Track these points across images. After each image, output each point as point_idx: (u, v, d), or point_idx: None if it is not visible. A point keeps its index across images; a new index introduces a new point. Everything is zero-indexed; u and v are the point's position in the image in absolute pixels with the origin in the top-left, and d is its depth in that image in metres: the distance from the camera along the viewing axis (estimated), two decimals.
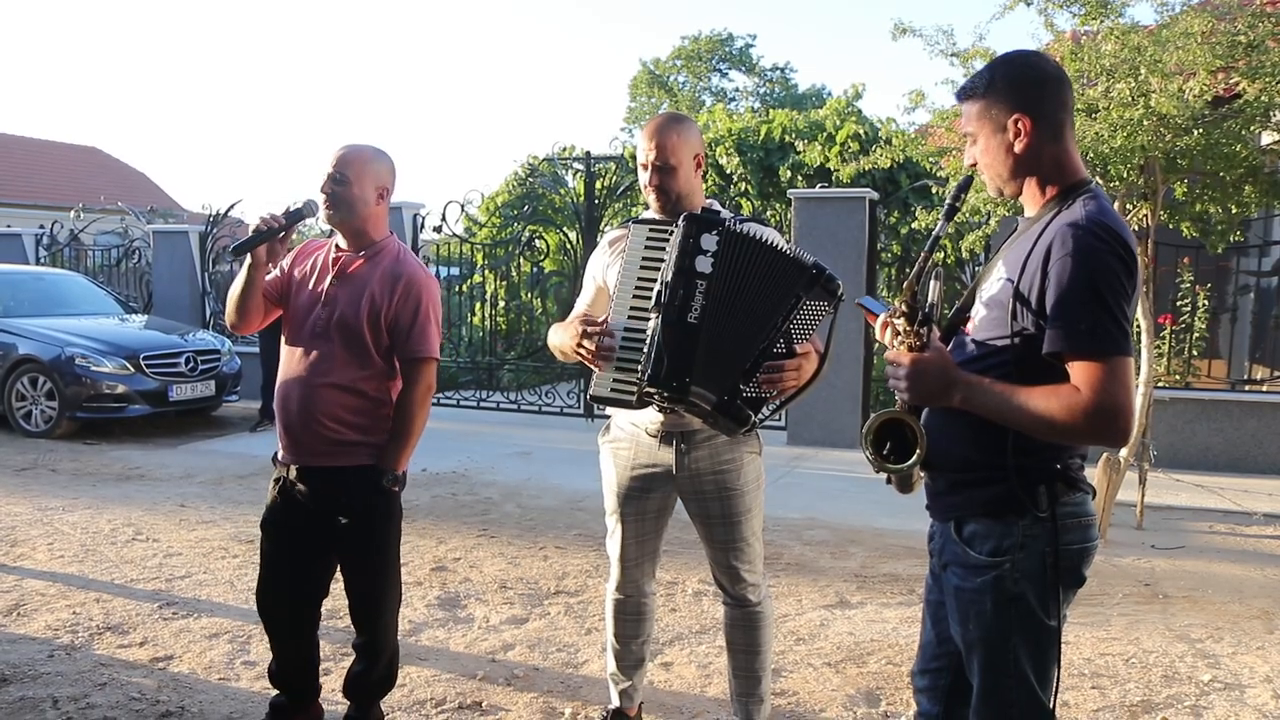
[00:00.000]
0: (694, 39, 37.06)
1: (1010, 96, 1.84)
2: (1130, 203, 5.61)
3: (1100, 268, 1.69)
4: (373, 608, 2.89)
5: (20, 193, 24.05)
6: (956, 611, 1.92)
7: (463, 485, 6.76)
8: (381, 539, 2.83)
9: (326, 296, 2.75)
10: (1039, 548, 1.80)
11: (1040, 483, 1.80)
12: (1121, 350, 1.69)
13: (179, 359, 8.79)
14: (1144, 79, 5.07)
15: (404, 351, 2.76)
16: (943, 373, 1.80)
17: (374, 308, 2.71)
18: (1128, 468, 5.65)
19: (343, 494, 2.74)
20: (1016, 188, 1.91)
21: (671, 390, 2.41)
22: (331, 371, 2.71)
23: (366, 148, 2.78)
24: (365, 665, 2.92)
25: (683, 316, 2.41)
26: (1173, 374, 8.00)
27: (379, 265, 2.78)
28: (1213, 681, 3.59)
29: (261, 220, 2.67)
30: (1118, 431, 1.69)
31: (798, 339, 2.45)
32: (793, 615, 4.24)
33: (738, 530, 2.72)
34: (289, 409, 2.75)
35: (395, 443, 2.76)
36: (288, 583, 2.87)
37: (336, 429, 2.72)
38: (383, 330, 2.73)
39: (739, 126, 12.84)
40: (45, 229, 13.42)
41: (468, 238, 10.92)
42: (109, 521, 5.63)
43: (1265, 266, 8.57)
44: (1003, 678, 1.86)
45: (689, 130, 2.65)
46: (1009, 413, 1.74)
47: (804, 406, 8.18)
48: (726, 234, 2.43)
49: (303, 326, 2.77)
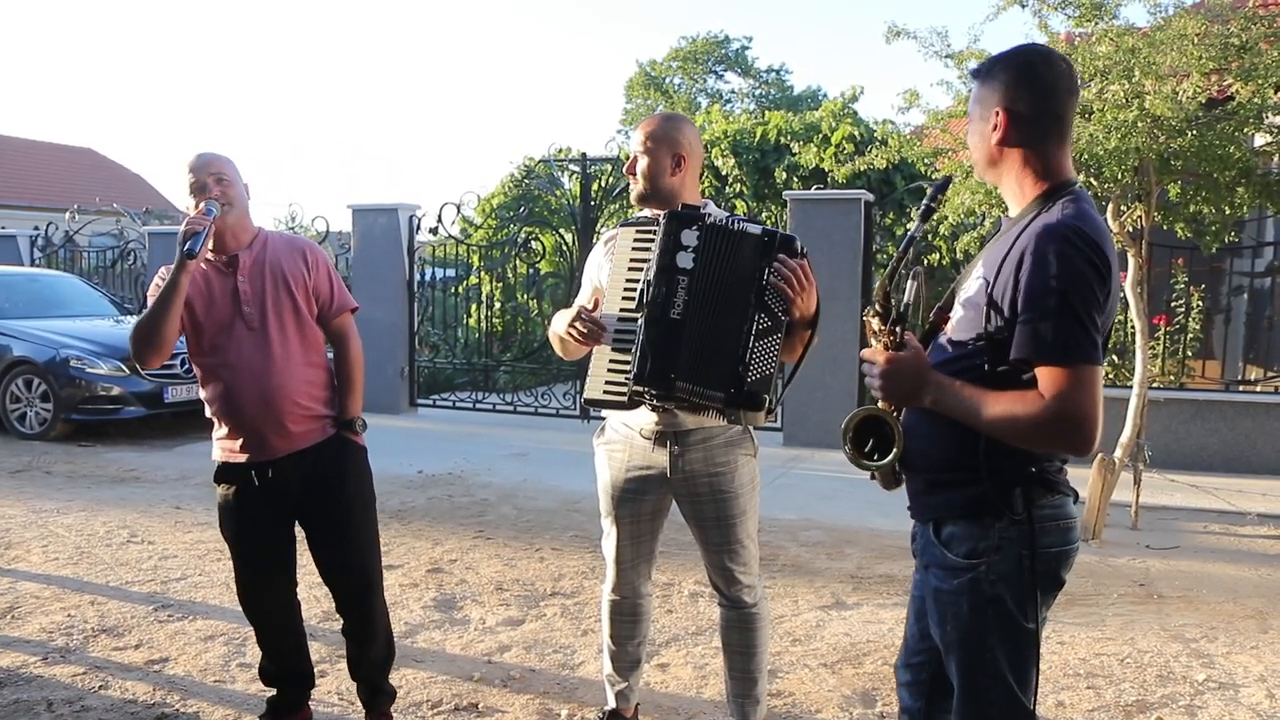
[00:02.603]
0: (690, 40, 37.09)
1: (1000, 89, 1.84)
2: (1125, 204, 5.63)
3: (1071, 274, 1.67)
4: (362, 579, 2.95)
5: (15, 194, 23.99)
6: (935, 613, 1.93)
7: (459, 487, 6.76)
8: (364, 500, 2.94)
9: (245, 294, 2.78)
10: (1016, 550, 1.80)
11: (1016, 485, 1.79)
12: (1088, 358, 1.66)
13: (174, 360, 8.75)
14: (1138, 81, 5.09)
15: (331, 311, 2.94)
16: (917, 373, 1.82)
17: (299, 281, 2.85)
18: (1123, 468, 5.66)
19: (322, 465, 2.83)
20: (993, 177, 1.92)
21: (658, 387, 2.42)
22: (289, 357, 2.79)
23: (219, 152, 2.85)
24: (363, 644, 2.98)
25: (665, 313, 2.43)
26: (1167, 375, 8.02)
27: (273, 249, 2.87)
28: (1207, 681, 3.60)
29: (192, 222, 2.65)
30: (1080, 440, 1.67)
31: (777, 309, 2.43)
32: (789, 616, 4.24)
33: (732, 532, 2.72)
34: (254, 407, 2.76)
35: (350, 392, 2.94)
36: (272, 576, 2.93)
37: (310, 405, 2.83)
38: (311, 300, 2.87)
39: (734, 128, 12.86)
40: (40, 230, 13.41)
41: (463, 239, 10.92)
42: (104, 524, 5.62)
43: (1259, 267, 8.60)
44: (981, 678, 1.86)
45: (678, 127, 2.68)
46: (976, 416, 1.74)
47: (800, 408, 8.20)
48: (706, 228, 2.45)
49: (230, 332, 2.77)
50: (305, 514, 2.90)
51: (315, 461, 2.83)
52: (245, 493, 2.84)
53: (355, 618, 2.96)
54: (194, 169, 2.75)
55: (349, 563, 2.92)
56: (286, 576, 2.97)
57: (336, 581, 2.96)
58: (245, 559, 2.92)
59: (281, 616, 2.99)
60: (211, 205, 2.70)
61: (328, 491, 2.86)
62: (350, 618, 2.97)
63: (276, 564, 2.93)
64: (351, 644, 2.99)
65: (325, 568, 2.95)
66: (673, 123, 2.69)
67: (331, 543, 2.90)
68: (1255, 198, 5.53)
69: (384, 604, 3.05)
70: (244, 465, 2.81)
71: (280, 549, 2.93)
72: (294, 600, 3.03)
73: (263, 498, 2.83)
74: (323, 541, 2.91)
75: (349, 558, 2.91)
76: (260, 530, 2.88)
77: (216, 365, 2.80)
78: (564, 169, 13.06)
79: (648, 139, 2.66)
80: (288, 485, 2.82)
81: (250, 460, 2.80)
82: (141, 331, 2.70)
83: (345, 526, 2.89)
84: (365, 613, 2.95)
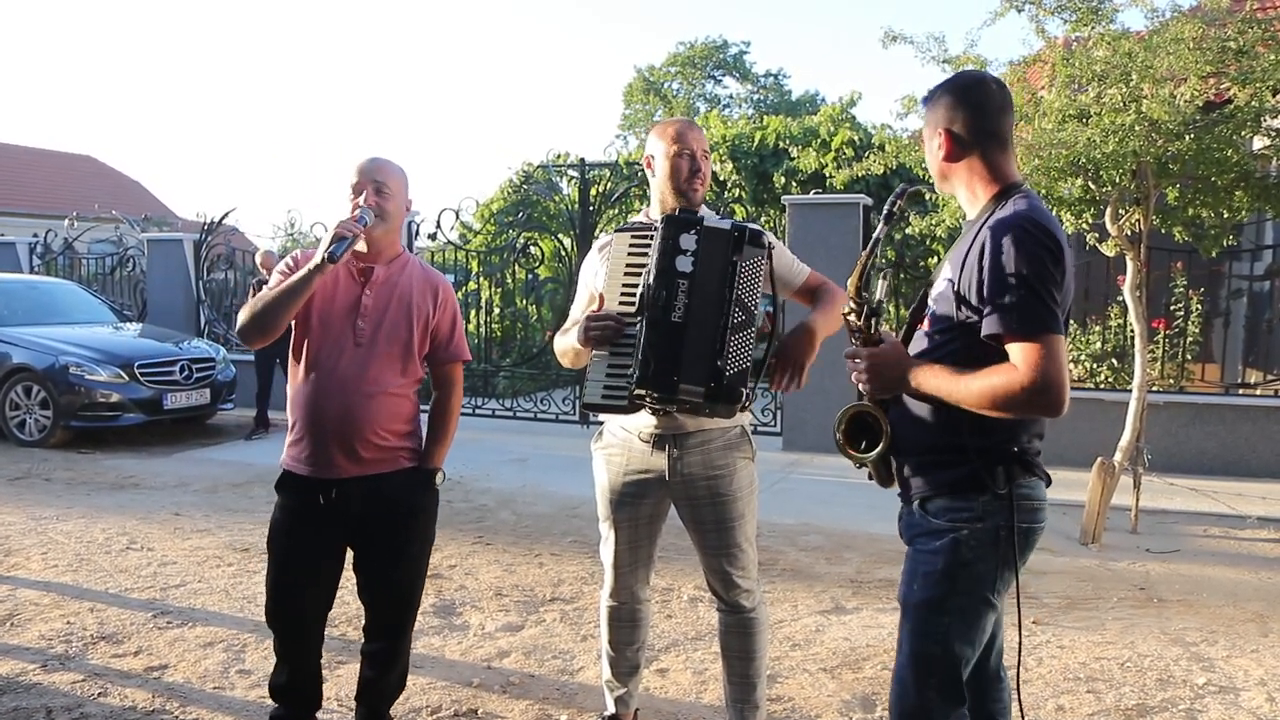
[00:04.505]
0: (689, 45, 37.16)
1: (942, 112, 2.07)
2: (1123, 207, 5.63)
3: (1029, 257, 1.84)
4: (405, 610, 2.89)
5: (14, 201, 24.04)
6: (907, 573, 2.07)
7: (458, 492, 6.75)
8: (425, 538, 2.89)
9: (364, 308, 2.73)
10: (994, 523, 1.96)
11: (999, 463, 1.96)
12: (1052, 329, 1.83)
13: (173, 367, 8.78)
14: (1135, 85, 5.10)
15: (444, 355, 2.88)
16: (898, 362, 2.00)
17: (421, 316, 2.79)
18: (1122, 472, 5.66)
19: (391, 498, 2.76)
20: (947, 188, 2.15)
21: (662, 390, 2.42)
22: (382, 380, 2.72)
23: (393, 161, 2.83)
24: (383, 670, 2.91)
25: (667, 316, 2.43)
26: (1166, 378, 8.02)
27: (409, 275, 2.82)
28: (1207, 685, 3.60)
29: (342, 226, 2.62)
30: (1052, 402, 1.82)
31: (750, 302, 2.45)
32: (788, 621, 4.24)
33: (731, 536, 2.72)
34: (331, 421, 2.68)
35: (439, 442, 2.87)
36: (311, 596, 2.83)
37: (386, 436, 2.74)
38: (426, 338, 2.82)
39: (733, 133, 12.88)
40: (39, 237, 13.42)
41: (462, 245, 10.93)
42: (103, 530, 5.61)
43: (1258, 271, 8.61)
44: (930, 644, 2.01)
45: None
46: (957, 392, 1.89)
47: (799, 413, 8.20)
48: (704, 231, 2.46)
49: (336, 339, 2.72)
50: (361, 538, 2.80)
51: (381, 490, 2.74)
52: (304, 508, 2.75)
53: (382, 646, 2.89)
54: (360, 171, 2.73)
55: (392, 595, 2.85)
56: (320, 598, 2.85)
57: (374, 608, 2.88)
58: (283, 568, 2.81)
59: (305, 637, 2.88)
60: (366, 213, 2.68)
61: (390, 522, 2.77)
62: (376, 644, 2.90)
63: (314, 580, 2.82)
64: (368, 667, 2.92)
65: (366, 591, 2.86)
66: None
67: (381, 571, 2.82)
68: (1254, 201, 5.54)
69: (410, 640, 2.99)
70: (307, 479, 2.73)
71: (323, 571, 2.82)
72: (320, 630, 2.91)
73: (320, 517, 2.74)
74: (371, 568, 2.83)
75: (394, 591, 2.84)
76: (309, 548, 2.77)
77: (312, 368, 2.73)
78: (562, 174, 13.06)
79: (704, 150, 2.74)
80: (348, 508, 2.73)
81: (312, 475, 2.72)
82: (256, 315, 2.65)
83: (399, 560, 2.82)
84: (393, 644, 2.90)
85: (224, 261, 11.60)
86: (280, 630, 2.87)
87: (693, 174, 2.69)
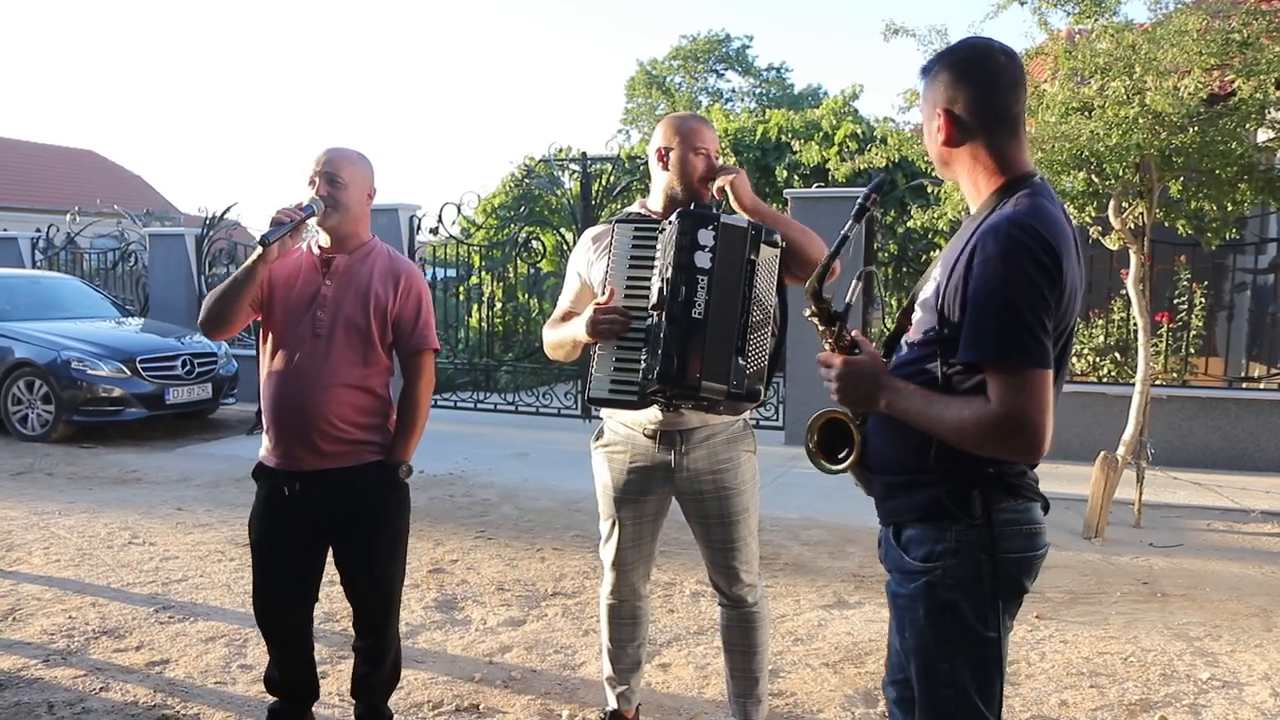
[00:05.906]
0: (691, 39, 37.07)
1: (942, 89, 1.78)
2: (1126, 200, 5.61)
3: (1017, 275, 1.60)
4: (382, 606, 2.89)
5: (16, 196, 24.03)
6: (895, 619, 1.88)
7: (460, 487, 6.75)
8: (395, 533, 2.87)
9: (323, 298, 2.73)
10: (974, 555, 1.73)
11: (973, 487, 1.72)
12: (1033, 363, 1.60)
13: (175, 362, 8.77)
14: (1139, 77, 5.07)
15: (409, 345, 2.84)
16: (873, 376, 1.78)
17: (379, 305, 2.76)
18: (1125, 466, 5.65)
19: (356, 493, 2.75)
20: (949, 176, 1.88)
21: (684, 388, 2.38)
22: (339, 372, 2.71)
23: (352, 150, 2.82)
24: (373, 665, 2.92)
25: (687, 312, 2.39)
26: (1170, 372, 8.00)
27: (372, 264, 2.80)
28: (1211, 680, 3.59)
29: (282, 212, 2.64)
30: (1026, 444, 1.62)
31: (766, 300, 2.45)
32: (790, 615, 4.23)
33: (734, 530, 2.72)
34: (288, 414, 2.70)
35: (405, 435, 2.83)
36: (289, 589, 2.85)
37: (346, 429, 2.73)
38: (388, 327, 2.79)
39: (735, 127, 12.86)
40: (41, 232, 13.41)
41: (464, 239, 10.91)
42: (105, 525, 5.62)
43: (1261, 264, 8.58)
44: (939, 687, 1.78)
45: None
46: (928, 419, 1.70)
47: (801, 407, 8.18)
48: (722, 228, 2.43)
49: (296, 329, 2.73)
50: (333, 536, 2.82)
51: (345, 485, 2.74)
52: (273, 499, 2.78)
53: (369, 640, 2.91)
54: (315, 161, 2.73)
55: (370, 591, 2.86)
56: (299, 591, 2.87)
57: (356, 604, 2.90)
58: (262, 563, 2.86)
59: (288, 630, 2.90)
60: (315, 203, 2.68)
61: (357, 520, 2.78)
62: (364, 638, 2.92)
63: (292, 577, 2.84)
64: (360, 662, 2.94)
65: (348, 587, 2.89)
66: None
67: (356, 569, 2.84)
68: (1257, 194, 5.52)
69: (398, 631, 2.99)
70: (275, 471, 2.76)
71: (298, 563, 2.83)
72: (306, 618, 2.93)
73: (289, 509, 2.76)
74: (348, 566, 2.85)
75: (370, 587, 2.86)
76: (281, 539, 2.80)
77: (273, 358, 2.75)
78: (564, 168, 13.05)
79: (716, 151, 2.74)
80: (314, 502, 2.74)
81: (279, 467, 2.75)
82: (209, 307, 2.71)
83: (371, 558, 2.82)
84: (379, 638, 2.90)
85: (226, 256, 11.58)
86: (261, 622, 2.92)
87: (708, 173, 2.68)
